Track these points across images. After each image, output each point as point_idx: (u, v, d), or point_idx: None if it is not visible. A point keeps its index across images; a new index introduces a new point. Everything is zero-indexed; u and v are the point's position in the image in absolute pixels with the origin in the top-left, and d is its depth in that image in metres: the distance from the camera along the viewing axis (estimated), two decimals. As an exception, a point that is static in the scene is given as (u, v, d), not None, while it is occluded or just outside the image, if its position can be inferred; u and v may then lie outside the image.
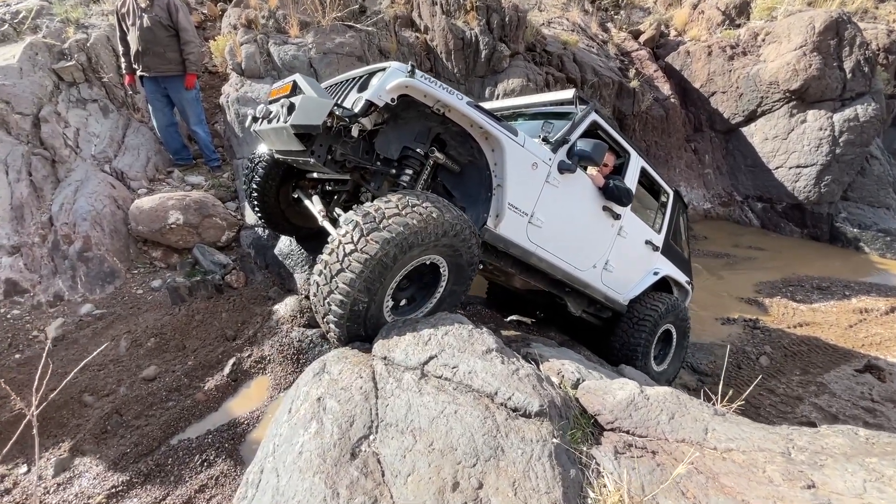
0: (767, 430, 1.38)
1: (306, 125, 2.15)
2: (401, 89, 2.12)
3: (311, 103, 2.15)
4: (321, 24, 5.86)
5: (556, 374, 1.88)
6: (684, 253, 4.39)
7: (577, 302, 3.55)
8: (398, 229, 1.88)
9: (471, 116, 2.29)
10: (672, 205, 4.02)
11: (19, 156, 3.99)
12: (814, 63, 7.32)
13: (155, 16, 3.88)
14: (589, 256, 3.20)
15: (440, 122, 2.45)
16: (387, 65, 2.19)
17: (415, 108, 2.33)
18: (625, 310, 3.66)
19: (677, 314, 3.82)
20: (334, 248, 1.92)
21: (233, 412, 2.92)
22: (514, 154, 2.47)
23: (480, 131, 2.40)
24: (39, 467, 2.47)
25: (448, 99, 2.22)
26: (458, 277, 2.30)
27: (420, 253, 2.03)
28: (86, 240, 3.68)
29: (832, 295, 6.62)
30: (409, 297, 2.35)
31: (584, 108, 3.03)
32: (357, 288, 1.88)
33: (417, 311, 2.30)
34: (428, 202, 2.03)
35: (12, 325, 3.32)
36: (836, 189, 7.86)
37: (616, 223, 3.27)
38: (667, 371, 3.95)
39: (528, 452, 1.28)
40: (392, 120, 2.42)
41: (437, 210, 2.01)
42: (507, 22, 6.48)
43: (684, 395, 1.64)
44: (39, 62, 4.52)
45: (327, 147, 2.38)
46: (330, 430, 1.55)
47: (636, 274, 3.72)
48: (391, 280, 2.03)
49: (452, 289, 2.32)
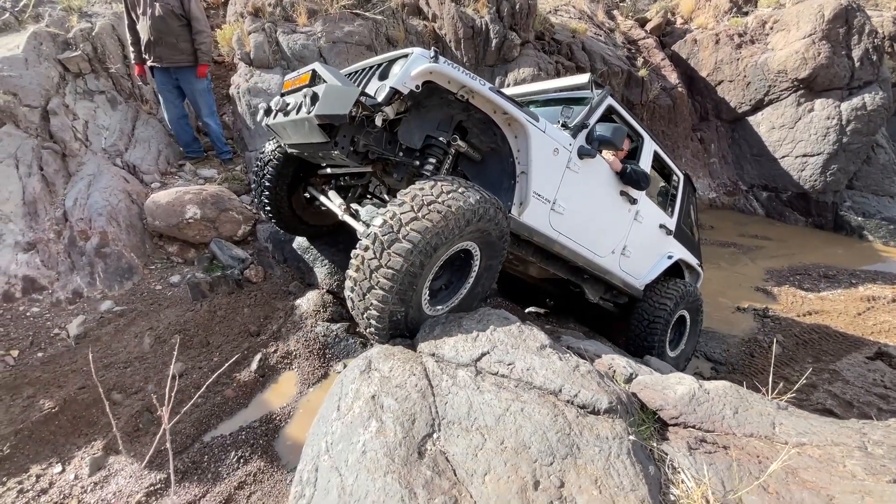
0: (839, 424, 1.39)
1: (332, 115, 2.08)
2: (425, 75, 2.06)
3: (336, 92, 2.08)
4: (329, 13, 5.75)
5: (608, 370, 1.88)
6: (694, 236, 4.44)
7: (594, 289, 3.54)
8: (418, 237, 1.81)
9: (496, 102, 2.24)
10: (683, 188, 4.03)
11: (29, 150, 3.90)
12: (822, 51, 7.30)
13: (167, 4, 3.77)
14: (608, 242, 3.19)
15: (462, 110, 2.40)
16: (409, 51, 2.12)
17: (437, 95, 2.28)
18: (641, 295, 3.68)
19: (691, 300, 3.87)
20: (360, 266, 1.87)
21: (264, 408, 2.90)
22: (537, 140, 2.42)
23: (504, 117, 2.35)
24: (75, 466, 2.45)
25: (473, 84, 2.16)
26: (492, 253, 2.25)
27: (447, 249, 1.98)
28: (103, 235, 3.62)
29: (839, 283, 6.69)
30: (446, 282, 2.31)
31: (600, 92, 3.00)
32: (391, 302, 1.86)
33: (456, 295, 2.27)
34: (444, 195, 1.93)
35: (33, 323, 3.27)
36: (842, 178, 7.89)
37: (633, 208, 3.25)
38: (680, 356, 4.00)
39: (606, 450, 1.28)
40: (415, 108, 2.36)
41: (456, 200, 1.91)
42: (517, 10, 6.39)
43: (742, 388, 1.65)
44: (44, 52, 4.40)
45: (350, 138, 2.31)
46: (392, 428, 1.54)
47: (652, 258, 3.73)
48: (424, 282, 1.99)
49: (488, 264, 2.28)
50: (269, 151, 3.22)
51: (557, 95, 3.33)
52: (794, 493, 1.17)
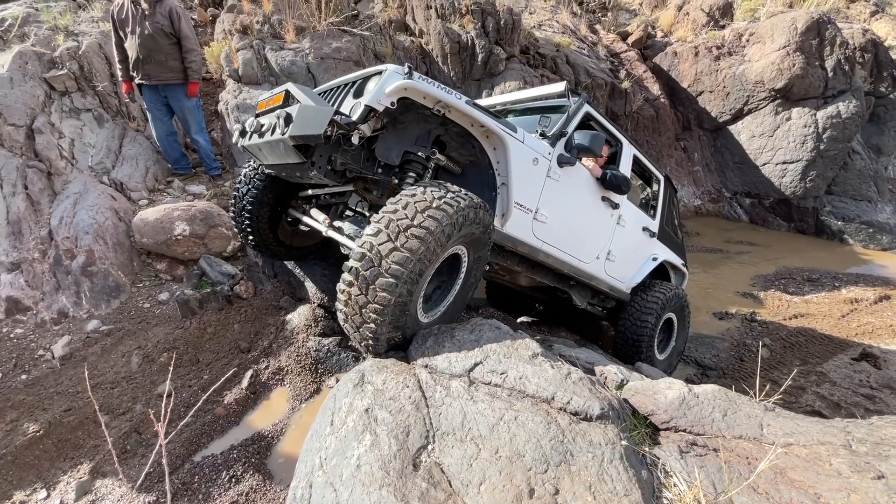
0: (823, 424, 1.42)
1: (307, 135, 2.07)
2: (400, 92, 2.06)
3: (310, 112, 2.08)
4: (317, 30, 5.82)
5: (600, 376, 1.90)
6: (677, 236, 4.49)
7: (581, 295, 3.58)
8: (399, 270, 1.75)
9: (472, 115, 2.24)
10: (664, 190, 4.08)
11: (14, 169, 3.86)
12: (797, 62, 7.56)
13: (157, 23, 3.79)
14: (592, 248, 3.22)
15: (440, 124, 2.41)
16: (383, 68, 2.12)
17: (414, 110, 2.28)
18: (628, 298, 3.71)
19: (678, 302, 3.90)
20: (348, 300, 1.84)
21: (255, 426, 2.86)
22: (516, 151, 2.44)
23: (482, 130, 2.36)
24: (60, 491, 2.38)
25: (448, 98, 2.16)
26: (477, 247, 2.24)
27: (433, 267, 1.95)
28: (89, 254, 3.57)
29: (822, 286, 6.83)
30: (438, 284, 2.32)
31: (577, 99, 3.02)
32: (386, 330, 1.87)
33: (449, 294, 2.28)
34: (419, 215, 1.85)
35: (16, 345, 3.21)
36: (821, 184, 8.11)
37: (615, 212, 3.29)
38: (669, 358, 4.03)
39: (599, 456, 1.29)
40: (391, 125, 2.37)
41: (434, 219, 1.82)
42: (502, 25, 6.53)
43: (731, 391, 1.68)
44: (30, 71, 4.38)
45: (327, 157, 2.30)
46: (387, 441, 1.54)
47: (636, 261, 3.77)
48: (416, 303, 1.98)
49: (476, 257, 2.28)
50: (247, 177, 3.17)
51: (535, 104, 3.35)
52: (782, 492, 1.19)
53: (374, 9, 6.75)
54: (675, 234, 4.41)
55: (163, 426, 0.91)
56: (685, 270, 4.47)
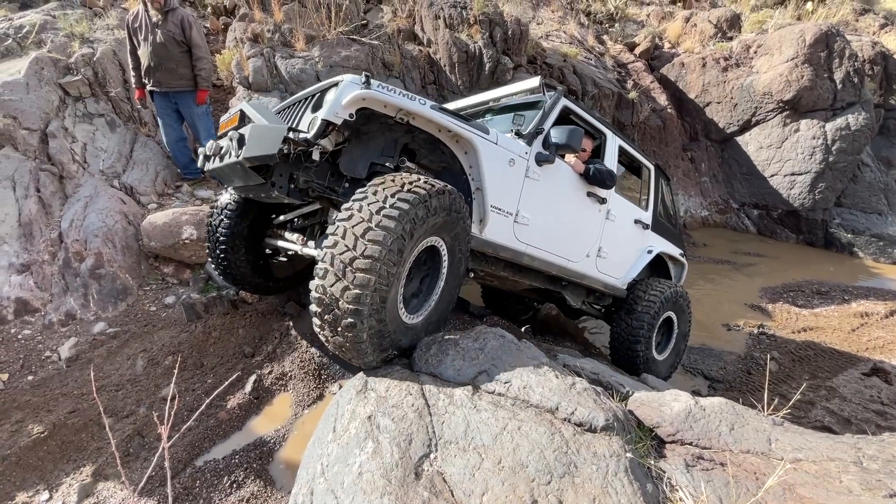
0: (834, 440, 1.39)
1: (260, 156, 2.02)
2: (358, 103, 1.97)
3: (262, 132, 2.02)
4: (326, 38, 5.90)
5: (604, 387, 1.88)
6: (673, 226, 4.31)
7: (574, 294, 3.47)
8: (365, 277, 1.65)
9: (437, 121, 2.14)
10: (655, 179, 3.92)
11: (27, 172, 3.92)
12: (805, 74, 7.54)
13: (168, 31, 3.86)
14: (581, 246, 3.12)
15: (406, 132, 2.31)
16: (339, 79, 2.03)
17: (376, 120, 2.19)
18: (624, 294, 3.59)
19: (678, 301, 3.73)
20: (322, 297, 1.72)
21: (258, 431, 2.86)
22: (488, 153, 2.34)
23: (450, 135, 2.27)
24: (63, 494, 2.39)
25: (410, 106, 2.06)
26: (454, 237, 2.09)
27: (404, 265, 1.83)
28: (98, 256, 3.61)
29: (832, 299, 6.75)
30: (419, 285, 2.18)
31: (553, 94, 2.90)
32: (368, 337, 1.74)
33: (433, 292, 2.15)
34: (391, 198, 1.75)
35: (24, 346, 3.23)
36: (830, 196, 8.04)
37: (603, 207, 3.17)
38: (668, 359, 3.88)
39: (604, 468, 1.27)
40: (354, 137, 2.27)
41: (393, 218, 1.69)
42: (509, 35, 6.59)
43: (738, 404, 1.65)
44: (45, 77, 4.47)
45: (288, 176, 2.23)
46: (389, 449, 1.53)
47: (630, 256, 3.64)
48: (397, 292, 1.85)
49: (455, 247, 2.14)
50: (218, 208, 3.05)
51: (513, 101, 3.20)
52: (791, 509, 1.17)
53: (383, 18, 6.84)
54: (671, 224, 4.25)
55: (166, 430, 0.91)
56: (684, 261, 4.29)
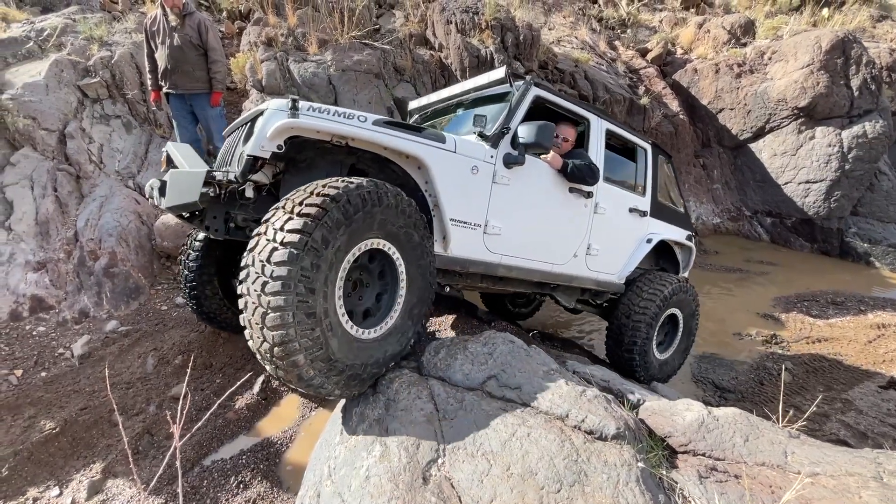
0: (853, 454, 1.36)
1: (181, 205, 1.92)
2: (285, 132, 1.81)
3: (180, 178, 1.93)
4: (339, 42, 5.95)
5: (615, 395, 1.85)
6: (678, 207, 3.96)
7: (566, 295, 3.29)
8: (296, 237, 1.51)
9: (377, 141, 1.95)
10: (652, 160, 3.55)
11: (45, 171, 4.00)
12: (821, 81, 7.44)
13: (185, 35, 3.93)
14: (566, 247, 2.89)
15: (348, 153, 2.14)
16: (264, 107, 1.89)
17: (313, 145, 2.02)
18: (622, 289, 3.37)
19: (684, 297, 3.44)
20: (248, 299, 1.57)
21: (265, 432, 2.87)
22: (444, 165, 2.14)
23: (396, 153, 2.08)
24: (72, 490, 2.41)
25: (345, 129, 1.88)
26: (399, 236, 1.86)
27: (346, 244, 1.65)
28: (112, 256, 3.66)
29: (847, 310, 6.61)
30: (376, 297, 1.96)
31: (521, 84, 2.61)
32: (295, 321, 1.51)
33: (395, 304, 1.91)
34: (319, 187, 1.62)
35: (38, 342, 3.28)
36: (846, 204, 7.91)
37: (589, 201, 2.91)
38: (671, 359, 3.64)
39: (615, 477, 1.25)
40: (291, 166, 2.09)
41: (297, 230, 1.52)
42: (521, 41, 6.59)
43: (752, 416, 1.62)
44: (65, 79, 4.57)
45: (223, 216, 2.14)
46: (397, 453, 1.52)
47: (626, 248, 3.36)
48: (333, 289, 1.65)
49: (409, 250, 1.91)
50: (187, 244, 2.96)
51: (482, 94, 2.92)
52: (809, 525, 1.14)
53: (396, 23, 6.89)
54: (674, 205, 3.91)
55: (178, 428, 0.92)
56: (691, 245, 3.95)
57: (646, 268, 3.76)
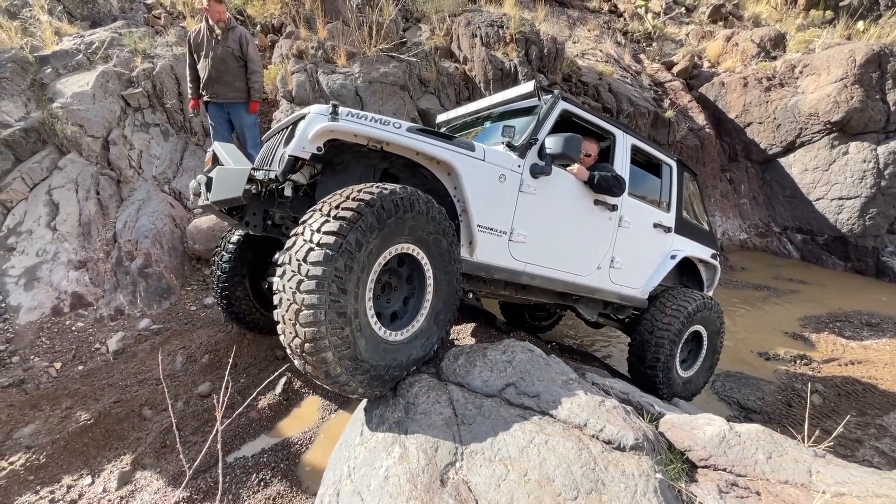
0: (880, 475, 1.33)
1: (226, 199, 2.02)
2: (325, 135, 1.91)
3: (227, 174, 2.02)
4: (366, 55, 6.13)
5: (635, 407, 1.85)
6: (703, 224, 3.95)
7: (588, 308, 3.29)
8: (332, 238, 1.57)
9: (411, 146, 2.04)
10: (678, 177, 3.58)
11: (89, 176, 4.23)
12: (855, 95, 7.24)
13: (228, 47, 4.15)
14: (590, 259, 2.92)
15: (383, 157, 2.23)
16: (307, 111, 1.98)
17: (349, 149, 2.12)
18: (646, 304, 3.35)
19: (709, 314, 3.39)
20: (283, 297, 1.62)
21: (286, 432, 2.94)
22: (473, 172, 2.22)
23: (428, 158, 2.16)
24: (104, 479, 2.52)
25: (381, 134, 1.97)
26: (429, 242, 1.92)
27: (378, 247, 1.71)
28: (147, 256, 3.83)
29: (884, 332, 6.33)
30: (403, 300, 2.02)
31: (549, 98, 2.69)
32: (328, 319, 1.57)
33: (421, 307, 1.97)
34: (355, 192, 1.69)
35: (76, 337, 3.45)
36: (882, 222, 7.61)
37: (614, 215, 2.94)
38: (696, 377, 3.57)
39: (632, 487, 1.26)
40: (328, 168, 2.20)
41: (369, 194, 1.65)
42: (545, 53, 6.65)
43: (775, 433, 1.59)
44: (110, 89, 4.84)
45: (262, 214, 2.22)
46: (415, 455, 1.55)
47: (650, 263, 3.37)
48: (363, 291, 1.71)
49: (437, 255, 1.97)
50: (221, 245, 3.08)
51: (509, 108, 3.02)
52: (833, 545, 1.12)
53: (422, 36, 7.05)
54: (699, 222, 3.91)
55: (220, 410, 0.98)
56: (716, 263, 3.95)
57: (669, 284, 3.72)
